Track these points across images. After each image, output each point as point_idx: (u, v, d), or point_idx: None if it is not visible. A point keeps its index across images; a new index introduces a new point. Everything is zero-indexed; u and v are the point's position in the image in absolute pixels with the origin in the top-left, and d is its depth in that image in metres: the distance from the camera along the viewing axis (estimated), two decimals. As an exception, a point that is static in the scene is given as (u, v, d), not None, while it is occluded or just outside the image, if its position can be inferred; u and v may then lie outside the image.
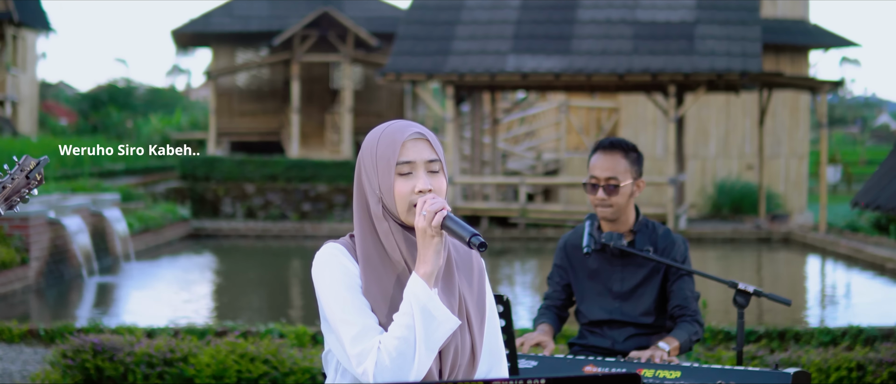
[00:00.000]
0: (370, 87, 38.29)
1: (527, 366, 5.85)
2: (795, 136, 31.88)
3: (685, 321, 6.27)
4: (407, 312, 3.58)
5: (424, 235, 3.59)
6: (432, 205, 3.60)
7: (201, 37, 38.85)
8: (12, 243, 16.43)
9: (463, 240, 3.55)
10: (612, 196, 6.23)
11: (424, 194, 3.65)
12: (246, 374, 9.25)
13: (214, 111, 37.73)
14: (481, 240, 3.53)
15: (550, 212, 26.20)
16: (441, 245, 3.62)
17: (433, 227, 3.58)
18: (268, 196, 29.65)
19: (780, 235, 25.74)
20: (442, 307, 3.60)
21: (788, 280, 20.66)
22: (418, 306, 3.57)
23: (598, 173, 6.25)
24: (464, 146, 29.93)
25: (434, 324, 3.58)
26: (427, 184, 3.67)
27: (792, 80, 26.78)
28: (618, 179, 6.23)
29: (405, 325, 3.57)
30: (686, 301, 6.29)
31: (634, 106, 31.59)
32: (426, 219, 3.58)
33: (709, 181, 31.32)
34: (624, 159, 6.27)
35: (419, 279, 3.60)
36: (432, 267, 3.61)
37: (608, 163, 6.26)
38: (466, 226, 3.57)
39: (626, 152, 6.30)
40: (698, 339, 6.25)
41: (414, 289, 3.59)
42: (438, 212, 3.59)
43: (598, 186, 6.26)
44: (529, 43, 26.08)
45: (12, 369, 10.47)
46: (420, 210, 3.60)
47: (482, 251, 3.54)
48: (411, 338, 3.56)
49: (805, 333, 10.98)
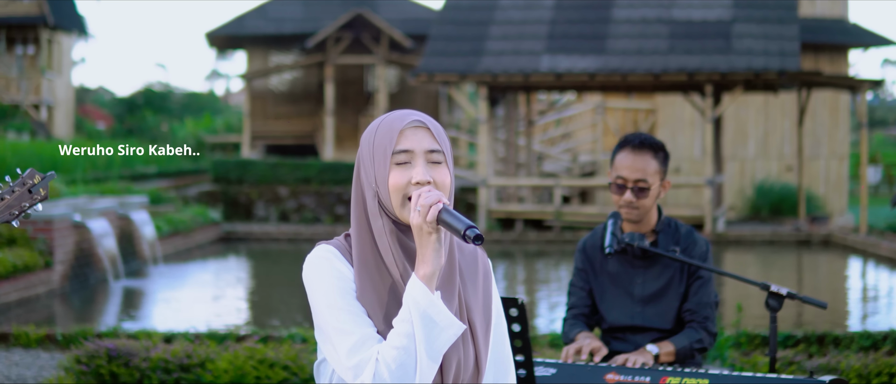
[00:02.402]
0: (405, 89, 38.09)
1: (545, 374, 5.54)
2: (836, 137, 31.47)
3: (692, 326, 5.95)
4: (406, 319, 3.28)
5: (421, 232, 3.29)
6: (427, 198, 3.28)
7: (236, 39, 38.80)
8: (36, 246, 16.26)
9: (458, 234, 3.22)
10: (641, 199, 5.94)
11: (421, 185, 3.35)
12: (265, 380, 9.04)
13: (249, 114, 37.66)
14: (477, 231, 3.20)
15: (586, 215, 25.86)
16: (440, 242, 3.30)
17: (429, 223, 3.27)
18: (301, 199, 29.45)
19: (820, 237, 25.35)
20: (444, 311, 3.29)
21: (828, 283, 20.30)
22: (418, 312, 3.26)
23: (626, 174, 5.93)
24: (498, 148, 29.66)
25: (436, 331, 3.28)
26: (425, 175, 3.36)
27: (831, 80, 26.42)
28: (648, 182, 5.92)
29: (404, 334, 3.27)
30: (698, 306, 5.97)
31: (671, 107, 31.25)
32: (421, 214, 3.27)
33: (748, 183, 30.95)
34: (654, 160, 5.95)
35: (418, 282, 3.29)
36: (432, 267, 3.30)
37: (638, 163, 5.93)
38: (462, 218, 3.24)
39: (656, 152, 5.98)
40: (704, 348, 5.93)
41: (413, 294, 3.28)
42: (433, 205, 3.27)
43: (625, 187, 5.94)
44: (564, 43, 25.80)
45: (27, 374, 10.29)
46: (414, 204, 3.30)
47: (478, 244, 3.22)
48: (411, 347, 3.26)
49: (845, 338, 10.64)
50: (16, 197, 4.25)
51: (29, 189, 4.26)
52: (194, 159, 38.86)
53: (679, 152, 30.87)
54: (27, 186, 4.26)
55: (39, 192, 4.29)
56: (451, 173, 3.43)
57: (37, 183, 4.28)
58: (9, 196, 4.24)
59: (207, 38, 38.75)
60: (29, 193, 4.26)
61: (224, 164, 30.66)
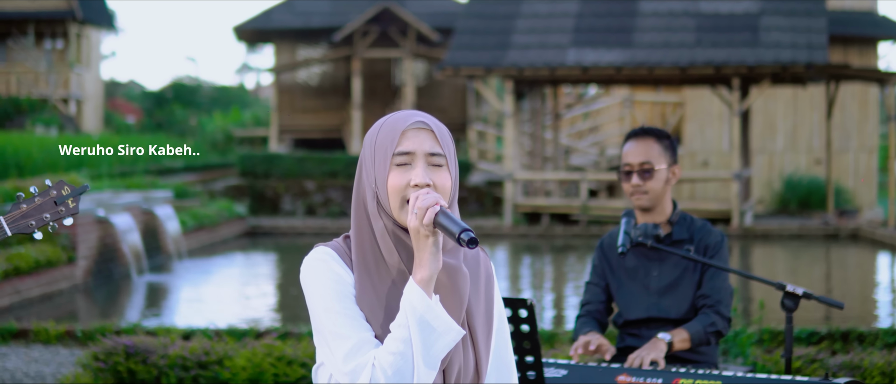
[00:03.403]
0: (432, 82, 38.02)
1: (555, 376, 5.47)
2: (865, 130, 31.24)
3: (704, 311, 5.92)
4: (402, 324, 3.23)
5: (418, 235, 3.23)
6: (424, 200, 3.22)
7: (263, 33, 38.81)
8: (59, 242, 16.27)
9: (452, 237, 3.17)
10: (647, 181, 5.97)
11: (419, 187, 3.30)
12: (283, 378, 9.00)
13: (276, 108, 37.67)
14: (472, 235, 3.15)
15: (613, 209, 25.73)
16: (437, 245, 3.25)
17: (425, 226, 3.21)
18: (328, 193, 29.42)
19: (849, 231, 25.19)
20: (443, 316, 3.24)
21: (857, 277, 20.14)
22: (415, 317, 3.22)
23: (631, 159, 6.01)
24: (525, 141, 29.57)
25: (433, 337, 3.23)
26: (425, 177, 3.30)
27: (860, 73, 26.24)
28: (652, 163, 5.97)
29: (401, 339, 3.22)
30: (712, 290, 5.95)
31: (699, 100, 31.08)
32: (418, 216, 3.22)
33: (776, 176, 30.77)
34: (657, 144, 6.02)
35: (416, 286, 3.24)
36: (429, 271, 3.24)
37: (641, 148, 6.01)
38: (458, 220, 3.19)
39: (659, 138, 6.05)
40: (719, 332, 5.90)
41: (410, 299, 3.23)
42: (430, 207, 3.21)
43: (631, 173, 6.00)
44: (590, 36, 25.69)
45: (46, 371, 10.27)
46: (412, 207, 3.24)
47: (472, 247, 3.15)
48: (408, 354, 3.21)
49: (869, 334, 10.54)
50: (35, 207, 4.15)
51: (55, 200, 4.17)
52: (221, 153, 38.87)
53: (707, 146, 30.73)
54: (51, 197, 4.17)
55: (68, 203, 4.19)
56: (453, 177, 3.37)
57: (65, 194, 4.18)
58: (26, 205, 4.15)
59: (235, 32, 38.74)
60: (55, 205, 4.17)
61: (251, 158, 30.67)
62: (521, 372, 5.31)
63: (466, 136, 35.71)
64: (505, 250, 23.10)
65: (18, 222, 4.13)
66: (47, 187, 4.18)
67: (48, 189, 4.17)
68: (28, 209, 4.14)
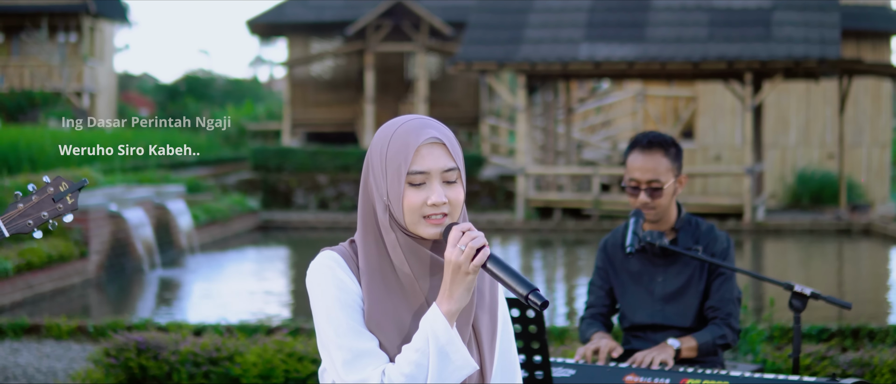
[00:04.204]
0: (445, 76, 37.97)
1: (563, 375, 5.48)
2: (878, 125, 31.17)
3: (715, 323, 5.88)
4: (421, 349, 3.24)
5: (458, 271, 3.23)
6: (472, 240, 3.23)
7: (276, 27, 38.79)
8: (71, 236, 16.31)
9: (515, 292, 3.19)
10: (656, 199, 5.87)
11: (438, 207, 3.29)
12: (294, 374, 9.01)
13: (289, 102, 37.68)
14: (543, 298, 3.16)
15: (625, 204, 25.70)
16: (474, 283, 3.26)
17: (473, 266, 3.22)
18: (341, 187, 29.44)
19: (861, 226, 25.15)
20: (462, 351, 3.27)
21: (869, 272, 20.12)
22: (436, 346, 3.23)
23: (638, 176, 5.87)
24: (537, 136, 29.55)
25: (449, 369, 3.25)
26: (442, 196, 3.30)
27: (872, 67, 26.19)
28: (660, 181, 5.86)
29: (416, 363, 3.24)
30: (721, 302, 5.90)
31: (712, 94, 31.03)
32: (465, 255, 3.22)
33: (789, 171, 30.71)
34: (665, 158, 5.88)
35: (441, 316, 3.25)
36: (458, 306, 3.26)
37: (649, 163, 5.87)
38: (518, 274, 3.21)
39: (667, 149, 5.90)
40: (728, 344, 5.87)
41: (433, 326, 3.24)
42: (480, 250, 3.22)
43: (639, 189, 5.89)
44: (603, 30, 25.66)
45: (57, 367, 10.30)
46: (455, 242, 3.24)
47: (544, 310, 3.16)
48: (421, 378, 3.23)
49: (880, 331, 10.52)
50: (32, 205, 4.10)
51: (53, 197, 4.12)
52: (234, 147, 38.88)
53: (720, 140, 30.68)
54: (49, 194, 4.11)
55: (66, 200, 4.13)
56: (464, 186, 3.38)
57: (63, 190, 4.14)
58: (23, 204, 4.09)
59: (248, 26, 38.74)
60: (53, 202, 4.12)
61: (263, 152, 30.69)
62: (530, 372, 5.33)
63: (479, 130, 35.70)
64: (517, 245, 23.11)
65: (16, 222, 4.08)
66: (45, 184, 4.13)
67: (46, 186, 4.12)
68: (25, 208, 4.09)
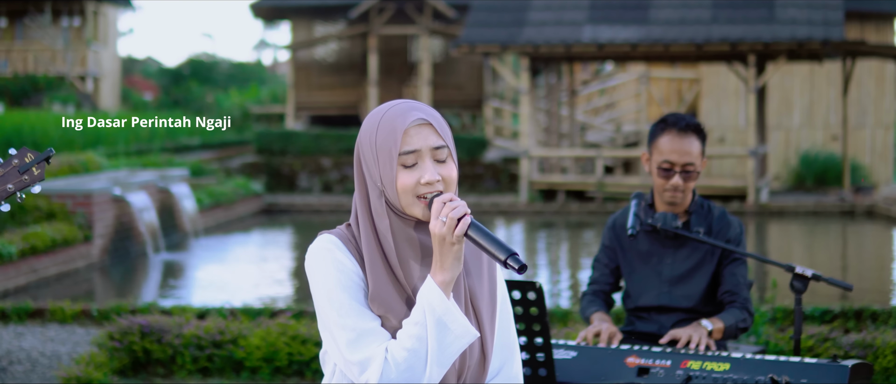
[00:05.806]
0: (449, 59, 37.94)
1: (564, 357, 5.49)
2: (881, 106, 31.14)
3: (734, 307, 5.88)
4: (419, 322, 3.28)
5: (443, 243, 3.27)
6: (453, 210, 3.26)
7: (280, 10, 38.75)
8: (75, 220, 16.31)
9: (496, 259, 3.22)
10: (689, 182, 5.89)
11: (431, 184, 3.34)
12: (297, 357, 9.04)
13: (293, 85, 37.67)
14: (521, 261, 3.19)
15: (629, 186, 25.73)
16: (461, 252, 3.29)
17: (455, 236, 3.25)
18: (344, 170, 29.45)
19: (865, 208, 25.15)
20: (460, 318, 3.29)
21: (872, 254, 20.12)
22: (433, 317, 3.26)
23: (674, 158, 5.85)
24: (541, 118, 29.54)
25: (449, 338, 3.28)
26: (434, 174, 3.34)
27: (876, 49, 26.16)
28: (695, 165, 5.87)
29: (416, 336, 3.27)
30: (737, 287, 5.92)
31: (716, 76, 31.01)
32: (447, 226, 3.25)
33: (793, 152, 30.71)
34: (697, 142, 5.89)
35: (435, 287, 3.28)
36: (451, 275, 3.29)
37: (686, 146, 5.86)
38: (498, 240, 3.24)
39: (699, 134, 5.91)
40: (746, 328, 5.88)
41: (429, 298, 3.28)
42: (461, 219, 3.26)
43: (672, 172, 5.87)
44: (606, 12, 25.63)
45: (61, 350, 10.31)
46: (437, 214, 3.28)
47: (522, 274, 3.19)
48: (422, 351, 3.27)
49: (882, 313, 10.52)
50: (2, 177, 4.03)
51: (18, 169, 4.04)
52: (238, 130, 38.88)
53: (724, 122, 30.67)
54: (14, 166, 4.04)
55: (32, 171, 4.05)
56: (456, 164, 3.40)
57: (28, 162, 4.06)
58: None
59: (252, 9, 38.71)
60: (18, 173, 4.04)
61: (267, 136, 30.70)
62: (531, 353, 5.34)
63: (483, 112, 35.69)
64: (521, 227, 23.13)
65: None
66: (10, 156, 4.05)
67: (10, 158, 4.05)
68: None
